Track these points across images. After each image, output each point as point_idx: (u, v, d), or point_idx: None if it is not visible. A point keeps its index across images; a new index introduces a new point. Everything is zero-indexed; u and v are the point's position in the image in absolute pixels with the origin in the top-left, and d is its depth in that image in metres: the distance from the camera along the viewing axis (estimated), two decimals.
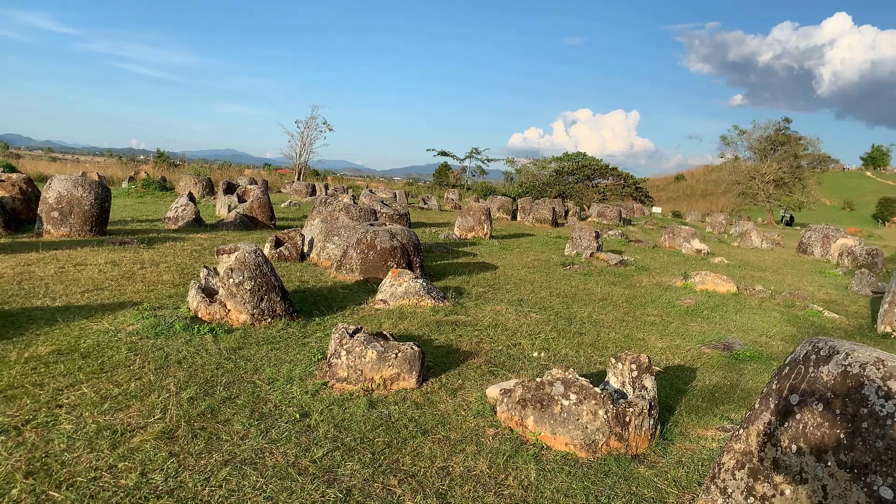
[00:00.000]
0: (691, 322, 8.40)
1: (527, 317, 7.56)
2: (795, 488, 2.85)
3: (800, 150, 57.21)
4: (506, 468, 3.66)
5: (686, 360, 6.53)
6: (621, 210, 30.54)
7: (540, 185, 53.54)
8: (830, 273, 15.82)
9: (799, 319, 9.28)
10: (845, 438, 2.72)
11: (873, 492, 2.59)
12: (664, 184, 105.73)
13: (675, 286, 11.08)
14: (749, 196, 57.94)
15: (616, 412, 3.98)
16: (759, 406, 3.20)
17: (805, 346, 3.16)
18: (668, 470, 3.81)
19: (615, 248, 16.97)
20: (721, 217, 34.73)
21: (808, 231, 21.31)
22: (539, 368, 5.61)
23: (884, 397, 2.67)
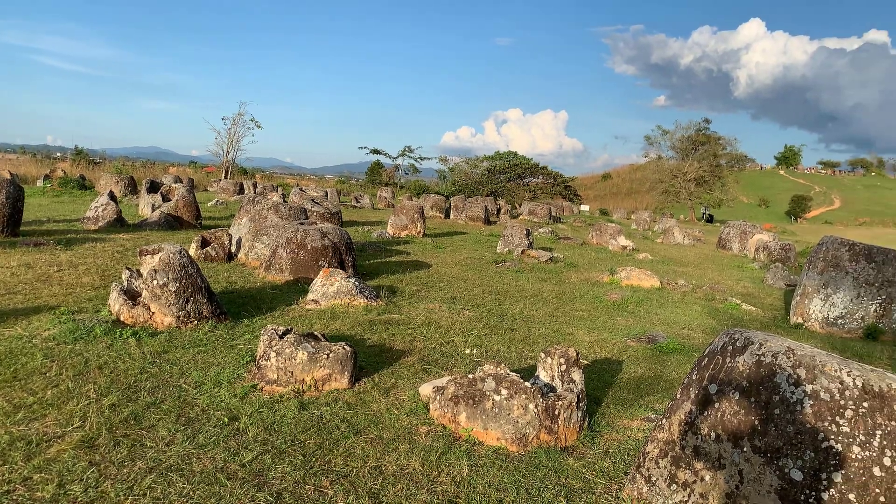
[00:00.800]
0: (618, 316, 8.65)
1: (460, 314, 7.62)
2: (714, 474, 2.99)
3: (719, 149, 59.73)
4: (438, 465, 3.69)
5: (613, 353, 6.72)
6: (551, 208, 31.14)
7: (472, 184, 54.00)
8: (747, 267, 16.59)
9: (718, 312, 9.69)
10: (759, 424, 2.87)
11: (785, 474, 2.74)
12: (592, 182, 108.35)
13: (602, 282, 11.38)
14: (672, 194, 60.06)
15: (546, 406, 4.07)
16: (681, 396, 3.34)
17: (722, 338, 3.31)
18: (595, 461, 3.92)
19: (545, 245, 17.29)
20: (646, 214, 35.86)
21: (727, 227, 22.27)
22: (472, 365, 5.66)
23: (794, 384, 2.83)
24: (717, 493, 2.93)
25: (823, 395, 2.74)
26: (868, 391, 2.71)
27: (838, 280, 8.94)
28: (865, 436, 2.63)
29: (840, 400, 2.71)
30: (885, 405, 2.68)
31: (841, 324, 8.88)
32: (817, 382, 2.77)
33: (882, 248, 9.06)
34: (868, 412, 2.67)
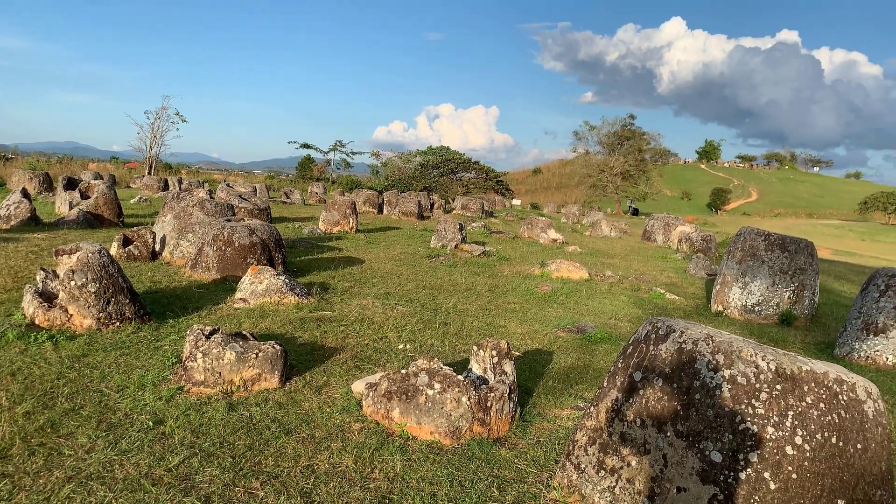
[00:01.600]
0: (548, 308, 8.81)
1: (393, 310, 7.60)
2: (640, 459, 3.08)
3: (643, 144, 61.61)
4: (372, 462, 3.67)
5: (544, 343, 6.85)
6: (484, 203, 31.40)
7: (406, 179, 53.87)
8: (671, 258, 17.18)
9: (644, 302, 10.00)
10: (681, 409, 2.98)
11: (706, 456, 2.85)
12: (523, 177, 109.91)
13: (533, 274, 11.56)
14: (599, 188, 61.59)
15: (478, 398, 4.11)
16: (607, 384, 3.43)
17: (646, 327, 3.41)
18: (527, 450, 3.99)
19: (478, 239, 17.43)
20: (575, 208, 36.64)
21: (652, 220, 22.99)
22: (405, 360, 5.66)
23: (713, 370, 2.95)
24: (643, 478, 3.03)
25: (740, 380, 2.86)
26: (781, 374, 2.85)
27: (755, 269, 9.37)
28: (779, 417, 2.77)
29: (756, 384, 2.84)
30: (797, 387, 2.83)
31: (758, 310, 9.32)
32: (735, 367, 2.90)
33: (794, 238, 9.54)
34: (781, 394, 2.81)
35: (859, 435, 2.83)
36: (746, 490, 2.71)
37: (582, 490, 3.32)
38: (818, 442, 2.75)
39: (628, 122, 61.98)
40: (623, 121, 61.91)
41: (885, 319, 7.04)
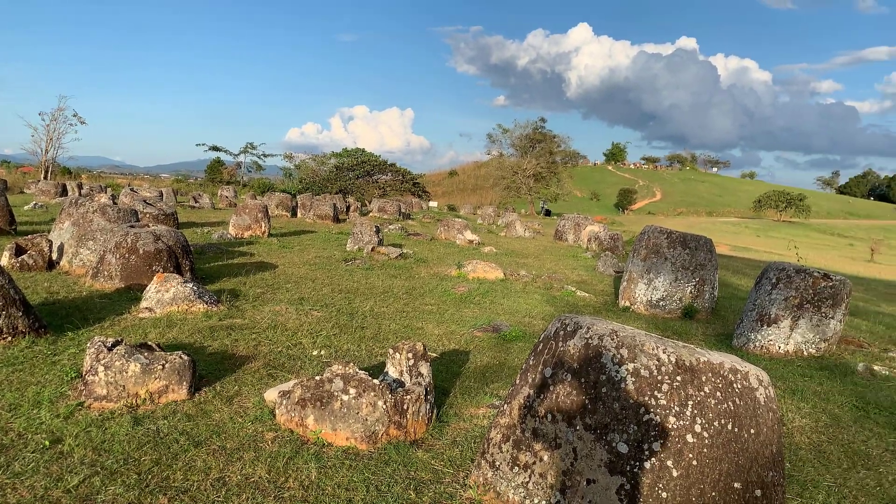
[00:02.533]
0: (465, 308, 8.90)
1: (308, 315, 7.47)
2: (552, 454, 3.17)
3: (554, 147, 63.30)
4: (286, 471, 3.60)
5: (460, 344, 6.91)
6: (401, 205, 31.37)
7: (320, 181, 53.13)
8: (581, 257, 17.71)
9: (556, 299, 10.26)
10: (589, 403, 3.07)
11: (613, 448, 2.96)
12: (439, 179, 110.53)
13: (450, 275, 11.65)
14: (513, 189, 62.81)
15: (394, 401, 4.10)
16: (520, 382, 3.50)
17: (555, 324, 3.50)
18: (444, 451, 4.02)
19: (395, 241, 17.40)
20: (490, 209, 37.16)
21: (563, 220, 23.63)
22: (320, 366, 5.58)
23: (618, 364, 3.06)
24: (555, 472, 3.11)
25: (644, 373, 2.98)
26: (681, 366, 3.00)
27: (659, 266, 9.79)
28: (679, 406, 2.91)
29: (658, 376, 2.97)
30: (695, 378, 2.98)
31: (662, 305, 9.74)
32: (638, 361, 3.02)
33: (694, 236, 10.04)
34: (681, 385, 2.95)
35: (752, 420, 3.01)
36: (651, 478, 2.84)
37: (497, 487, 3.37)
38: (716, 429, 2.91)
39: (539, 125, 63.52)
40: (534, 124, 63.40)
41: (777, 311, 7.51)
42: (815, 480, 4.22)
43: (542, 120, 64.09)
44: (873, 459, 4.63)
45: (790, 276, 7.58)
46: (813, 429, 5.15)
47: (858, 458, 4.64)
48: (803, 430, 5.12)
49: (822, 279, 7.48)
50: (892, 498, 4.04)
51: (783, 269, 7.73)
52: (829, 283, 7.45)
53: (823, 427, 5.21)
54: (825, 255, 44.65)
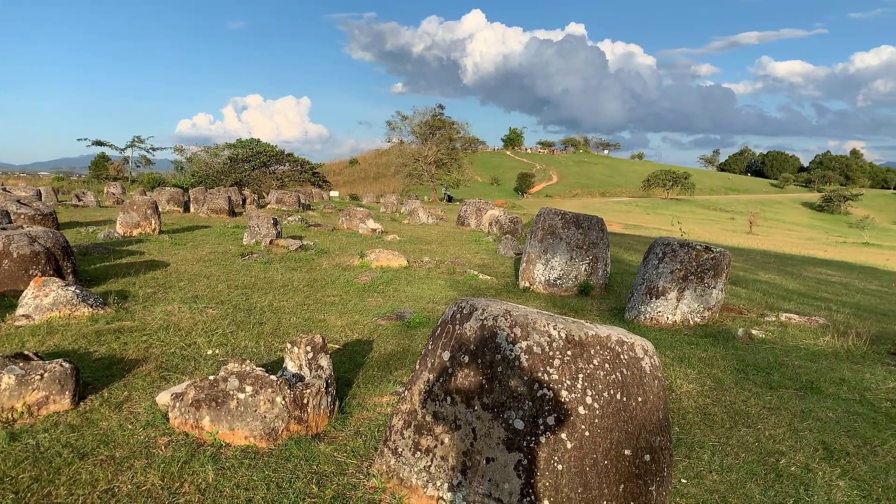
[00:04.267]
0: (368, 297, 8.84)
1: (202, 313, 7.19)
2: (452, 435, 3.20)
3: (454, 133, 63.77)
4: (181, 475, 3.46)
5: (364, 333, 6.86)
6: (300, 195, 30.70)
7: (214, 174, 51.15)
8: (483, 241, 17.98)
9: (459, 284, 10.38)
10: (486, 383, 3.12)
11: (510, 425, 3.02)
12: (340, 168, 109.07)
13: (353, 265, 11.54)
14: (415, 177, 62.87)
15: (294, 396, 4.02)
16: (420, 367, 3.51)
17: (452, 307, 3.53)
18: (347, 442, 3.98)
19: (295, 233, 17.03)
20: (393, 197, 37.06)
21: (465, 205, 23.90)
22: (216, 366, 5.39)
23: (512, 342, 3.12)
24: (455, 453, 3.15)
25: (536, 349, 3.06)
26: (571, 341, 3.10)
27: (555, 246, 10.09)
28: (571, 380, 3.01)
29: (549, 351, 3.06)
30: (584, 351, 3.08)
31: (560, 284, 10.05)
32: (531, 338, 3.09)
33: (587, 216, 10.40)
34: (572, 359, 3.05)
35: (639, 389, 3.15)
36: (547, 452, 2.92)
37: (400, 474, 3.38)
38: (606, 399, 3.03)
39: (438, 111, 63.76)
40: (433, 111, 63.57)
41: (664, 283, 7.92)
42: (702, 441, 4.49)
43: (440, 107, 64.37)
44: (752, 417, 4.98)
45: (675, 250, 8.00)
46: (699, 393, 5.48)
47: (739, 418, 4.97)
48: (690, 394, 5.44)
49: (704, 252, 7.94)
50: (769, 452, 4.36)
51: (668, 243, 8.14)
52: (710, 256, 7.92)
53: (708, 390, 5.54)
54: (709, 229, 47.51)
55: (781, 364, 6.33)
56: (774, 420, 4.91)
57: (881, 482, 3.97)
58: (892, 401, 5.35)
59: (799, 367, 6.23)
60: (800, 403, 5.26)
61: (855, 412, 5.11)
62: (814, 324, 8.08)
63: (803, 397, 5.43)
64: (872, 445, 4.50)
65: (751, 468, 4.09)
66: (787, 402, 5.30)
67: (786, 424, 4.83)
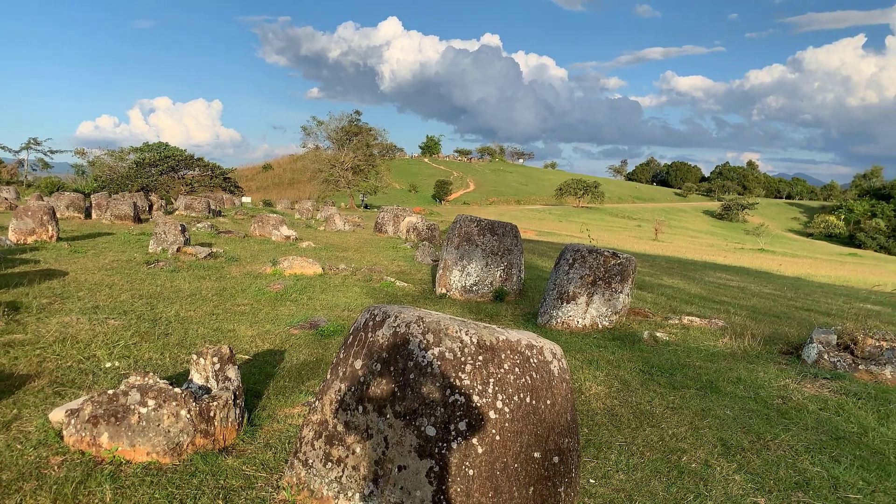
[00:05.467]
0: (280, 306, 8.65)
1: (103, 324, 6.83)
2: (364, 445, 3.16)
3: (371, 139, 63.54)
4: (75, 497, 3.26)
5: (275, 343, 6.70)
6: (210, 202, 29.73)
7: (119, 179, 48.89)
8: (401, 248, 17.97)
9: (376, 291, 10.32)
10: (398, 390, 3.11)
11: (422, 432, 3.02)
12: (253, 173, 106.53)
13: (265, 273, 11.27)
14: (332, 183, 62.17)
15: (200, 409, 3.88)
16: (331, 376, 3.46)
17: (364, 315, 3.50)
18: (256, 455, 3.87)
19: (205, 240, 16.47)
20: (308, 204, 36.48)
21: (382, 212, 23.82)
22: (117, 379, 5.13)
23: (424, 349, 3.13)
24: (367, 463, 3.11)
25: (448, 355, 3.08)
26: (482, 346, 3.13)
27: (471, 252, 10.19)
28: (482, 385, 3.04)
29: (461, 357, 3.08)
30: (495, 356, 3.12)
31: (476, 290, 10.16)
32: (443, 344, 3.10)
33: (501, 223, 10.57)
34: (483, 364, 3.08)
35: (548, 392, 3.22)
36: (458, 458, 2.93)
37: (311, 486, 3.31)
38: (516, 403, 3.07)
39: (355, 117, 63.37)
40: (350, 116, 63.14)
41: (574, 288, 8.14)
42: (609, 442, 4.63)
43: (357, 113, 64.01)
44: (657, 417, 5.18)
45: (584, 256, 8.25)
46: (607, 394, 5.65)
47: (645, 418, 5.16)
48: (599, 396, 5.60)
49: (612, 258, 8.22)
50: (672, 450, 4.54)
51: (578, 250, 8.38)
52: (617, 261, 8.21)
53: (616, 392, 5.73)
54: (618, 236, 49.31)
55: (684, 365, 6.62)
56: (677, 419, 5.13)
57: (773, 474, 4.21)
58: (783, 397, 5.69)
59: (700, 368, 6.54)
60: (700, 402, 5.52)
61: (750, 409, 5.41)
62: (713, 326, 8.51)
63: (703, 396, 5.69)
64: (765, 440, 4.77)
65: (655, 466, 4.26)
66: (689, 401, 5.55)
67: (687, 423, 5.05)
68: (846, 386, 5.96)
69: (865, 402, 5.55)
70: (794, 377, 6.20)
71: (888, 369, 6.32)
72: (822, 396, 5.70)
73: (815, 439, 4.80)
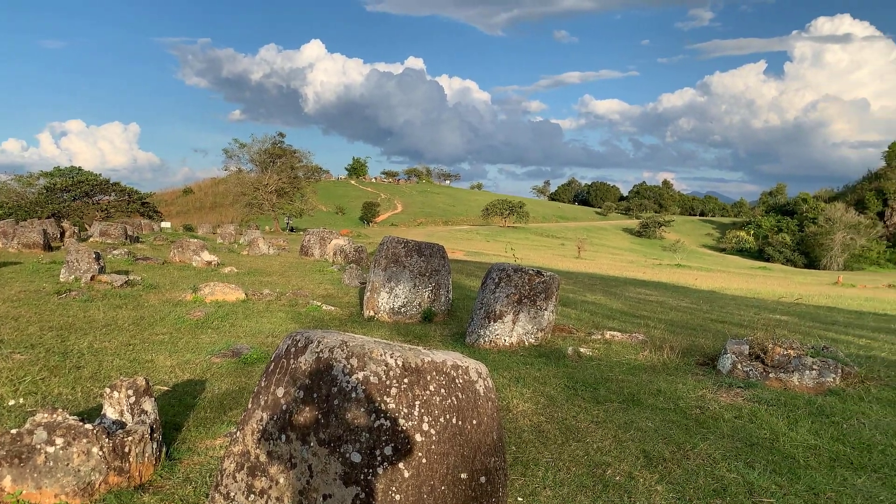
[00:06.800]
0: (202, 334, 8.38)
1: (8, 360, 6.44)
2: (288, 475, 3.09)
3: (295, 162, 62.74)
4: None
5: (196, 373, 6.48)
6: (127, 227, 28.58)
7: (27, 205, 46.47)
8: (328, 271, 17.75)
9: (301, 316, 10.14)
10: (322, 417, 3.06)
11: (347, 459, 2.97)
12: (173, 198, 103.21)
13: (185, 301, 10.90)
14: (256, 206, 60.92)
15: (113, 445, 3.69)
16: (252, 405, 3.36)
17: (286, 341, 3.43)
18: (175, 491, 3.72)
19: (121, 268, 15.81)
20: (231, 228, 35.57)
21: (308, 235, 23.50)
22: (23, 417, 4.83)
23: (348, 374, 3.09)
24: (291, 493, 3.04)
25: (373, 379, 3.05)
26: (407, 368, 3.12)
27: (399, 274, 10.18)
28: (408, 408, 3.02)
29: (386, 380, 3.06)
30: (421, 378, 3.12)
31: (404, 311, 10.14)
32: (367, 368, 3.08)
33: (428, 244, 10.62)
34: (408, 387, 3.07)
35: (474, 412, 3.23)
36: (385, 483, 2.90)
37: None
38: (442, 425, 3.07)
39: (279, 140, 62.49)
40: (273, 139, 62.20)
41: (501, 307, 8.24)
42: (536, 458, 4.69)
43: (280, 135, 63.14)
44: (582, 432, 5.28)
45: (510, 275, 8.37)
46: (533, 411, 5.73)
47: (570, 433, 5.25)
48: (526, 413, 5.67)
49: (536, 276, 8.38)
50: (597, 463, 4.63)
51: (503, 269, 8.51)
52: (541, 279, 8.37)
53: (542, 408, 5.81)
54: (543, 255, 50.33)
55: (607, 379, 6.79)
56: (601, 433, 5.24)
57: (692, 483, 4.35)
58: (701, 407, 5.91)
59: (622, 381, 6.72)
60: (623, 415, 5.66)
61: (670, 420, 5.59)
62: (634, 340, 8.77)
63: (626, 409, 5.85)
64: (685, 450, 4.93)
65: (581, 481, 4.33)
66: (613, 414, 5.69)
67: (611, 436, 5.17)
68: (758, 394, 6.25)
69: (776, 409, 5.83)
70: (710, 387, 6.45)
71: (795, 376, 6.66)
72: (737, 405, 5.95)
73: (731, 447, 5.00)
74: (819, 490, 4.24)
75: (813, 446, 4.99)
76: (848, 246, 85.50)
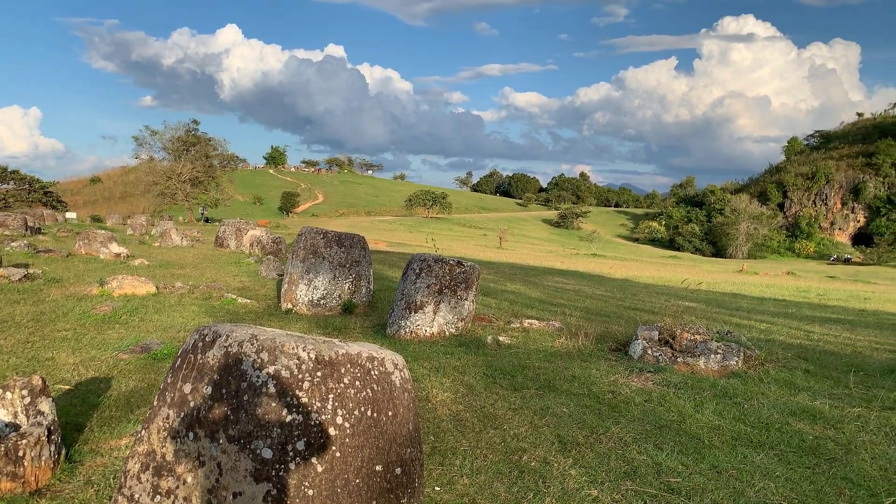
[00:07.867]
0: (108, 330, 7.99)
1: None
2: (196, 473, 2.98)
3: (210, 150, 60.69)
4: None
5: (101, 371, 6.18)
6: (28, 218, 26.88)
7: None
8: (244, 262, 17.28)
9: (216, 309, 9.83)
10: (231, 414, 2.96)
11: (258, 455, 2.89)
12: (79, 187, 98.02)
13: (91, 295, 10.37)
14: (169, 196, 58.61)
15: (5, 449, 3.47)
16: (158, 403, 3.23)
17: (193, 336, 3.30)
18: (75, 495, 3.53)
19: (20, 261, 14.86)
20: (142, 219, 34.08)
21: (223, 226, 22.79)
22: None
23: (258, 368, 3.00)
24: (199, 492, 2.94)
25: (284, 373, 2.98)
26: (321, 361, 3.06)
27: (318, 265, 10.02)
28: (321, 402, 2.97)
29: (298, 374, 2.99)
30: (335, 371, 3.07)
31: (324, 303, 9.99)
32: (279, 362, 3.00)
33: (349, 234, 10.49)
34: (322, 380, 3.01)
35: (390, 403, 3.21)
36: (297, 479, 2.85)
37: None
38: (356, 417, 3.04)
39: (192, 127, 60.26)
40: (187, 126, 59.92)
41: (422, 297, 8.25)
42: (454, 447, 4.72)
43: (194, 122, 60.90)
44: (499, 419, 5.36)
45: (430, 265, 8.39)
46: (453, 400, 5.76)
47: (489, 420, 5.32)
48: (445, 402, 5.70)
49: (457, 266, 8.42)
50: (513, 450, 4.71)
51: (424, 259, 8.51)
52: (462, 269, 8.42)
53: (461, 397, 5.86)
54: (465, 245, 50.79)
55: (524, 366, 6.91)
56: (518, 419, 5.33)
57: (604, 466, 4.49)
58: (613, 392, 6.11)
59: (539, 368, 6.85)
60: (539, 402, 5.78)
61: (584, 405, 5.74)
62: (551, 328, 8.97)
63: (543, 396, 5.97)
64: (598, 434, 5.08)
65: (498, 468, 4.39)
66: (529, 401, 5.79)
67: (528, 423, 5.27)
68: (667, 378, 6.51)
69: (683, 392, 6.09)
70: (622, 372, 6.68)
71: (701, 360, 6.98)
72: (647, 389, 6.18)
73: (642, 429, 5.19)
74: (721, 468, 4.46)
75: (717, 427, 5.24)
76: (752, 235, 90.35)
